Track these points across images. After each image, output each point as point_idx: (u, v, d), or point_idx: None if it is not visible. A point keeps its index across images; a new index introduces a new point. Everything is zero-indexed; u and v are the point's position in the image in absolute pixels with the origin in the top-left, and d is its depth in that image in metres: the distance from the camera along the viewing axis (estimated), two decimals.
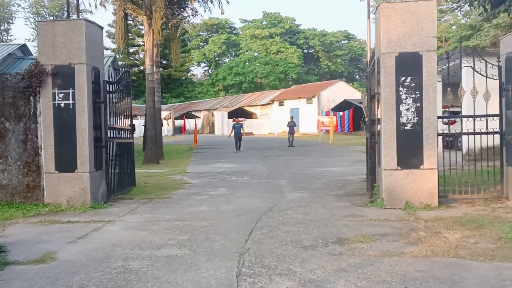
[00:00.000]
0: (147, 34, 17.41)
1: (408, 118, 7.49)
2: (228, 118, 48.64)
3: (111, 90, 9.12)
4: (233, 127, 22.69)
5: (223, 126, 49.55)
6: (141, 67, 28.23)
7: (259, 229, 6.26)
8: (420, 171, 7.45)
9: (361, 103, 39.34)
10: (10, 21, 75.72)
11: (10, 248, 5.47)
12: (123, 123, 9.89)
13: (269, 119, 48.07)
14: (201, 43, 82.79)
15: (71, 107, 8.18)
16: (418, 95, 7.46)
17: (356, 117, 39.63)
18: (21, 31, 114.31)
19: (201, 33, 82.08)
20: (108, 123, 9.00)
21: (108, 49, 32.64)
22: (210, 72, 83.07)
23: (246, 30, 77.62)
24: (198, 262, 4.85)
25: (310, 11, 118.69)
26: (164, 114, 53.83)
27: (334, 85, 45.31)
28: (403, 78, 7.49)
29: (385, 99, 7.53)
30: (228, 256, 5.02)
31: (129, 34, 25.86)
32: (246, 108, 50.64)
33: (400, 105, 7.50)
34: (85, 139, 8.18)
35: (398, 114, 7.49)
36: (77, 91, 8.18)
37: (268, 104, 49.94)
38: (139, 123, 39.79)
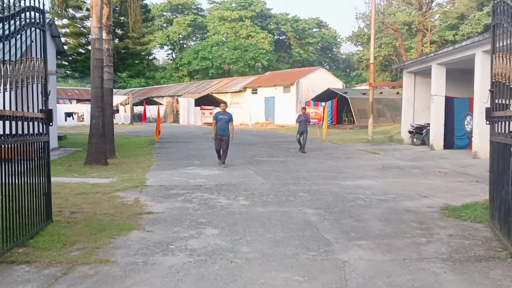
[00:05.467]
0: None
1: None
2: (195, 105, 43.54)
3: None
4: (215, 118, 12.43)
5: (189, 114, 44.39)
6: (90, 37, 22.76)
7: None
8: None
9: (345, 93, 35.35)
10: None
11: None
12: (25, 106, 5.10)
13: (240, 108, 43.31)
14: (165, 24, 76.49)
15: None
16: None
17: (339, 109, 35.61)
18: None
19: (164, 13, 75.77)
20: None
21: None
22: (174, 56, 77.06)
23: (214, 12, 72.02)
24: None
25: None
26: (121, 99, 48.04)
27: (314, 73, 40.87)
28: None
29: None
30: None
31: None
32: (215, 95, 45.58)
33: None
34: None
35: None
36: None
37: (239, 91, 45.06)
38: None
